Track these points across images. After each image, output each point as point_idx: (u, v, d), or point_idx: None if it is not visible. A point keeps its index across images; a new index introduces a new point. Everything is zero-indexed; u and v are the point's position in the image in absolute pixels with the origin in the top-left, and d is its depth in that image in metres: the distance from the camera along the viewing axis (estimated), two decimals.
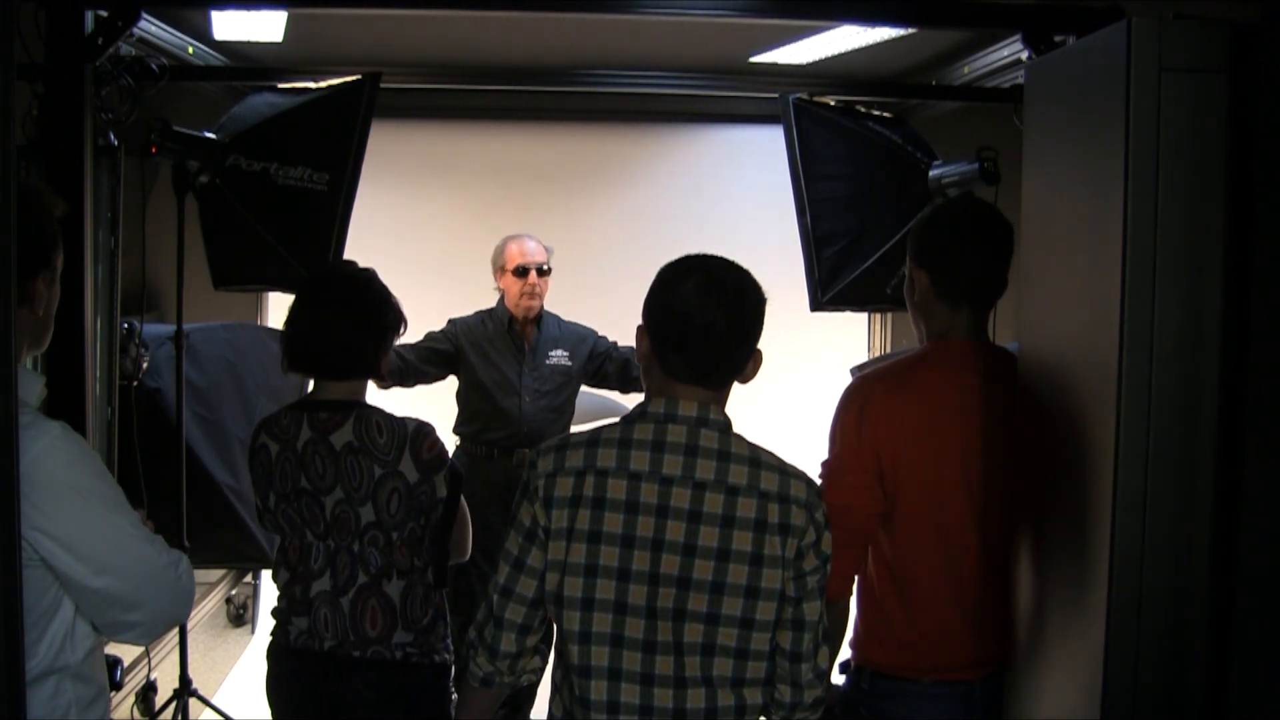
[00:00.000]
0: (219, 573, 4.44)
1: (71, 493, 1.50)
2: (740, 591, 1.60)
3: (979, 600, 2.04)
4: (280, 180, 3.30)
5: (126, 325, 3.16)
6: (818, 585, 1.66)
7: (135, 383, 3.21)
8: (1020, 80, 3.12)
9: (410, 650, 2.23)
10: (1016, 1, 2.89)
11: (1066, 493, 1.84)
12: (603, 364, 3.84)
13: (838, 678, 1.99)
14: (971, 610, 2.04)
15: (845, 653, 2.10)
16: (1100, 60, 1.76)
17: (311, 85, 3.42)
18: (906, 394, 2.04)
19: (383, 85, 3.34)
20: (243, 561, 4.06)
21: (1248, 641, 1.63)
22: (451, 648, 2.34)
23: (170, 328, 3.34)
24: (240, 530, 3.57)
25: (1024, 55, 3.02)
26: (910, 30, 3.27)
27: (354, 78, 3.34)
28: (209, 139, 3.28)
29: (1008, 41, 3.33)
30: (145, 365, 3.26)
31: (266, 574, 4.33)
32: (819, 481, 1.80)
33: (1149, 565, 1.70)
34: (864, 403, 2.04)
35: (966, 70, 3.71)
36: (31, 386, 1.55)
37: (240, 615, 4.64)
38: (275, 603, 2.32)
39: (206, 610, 4.27)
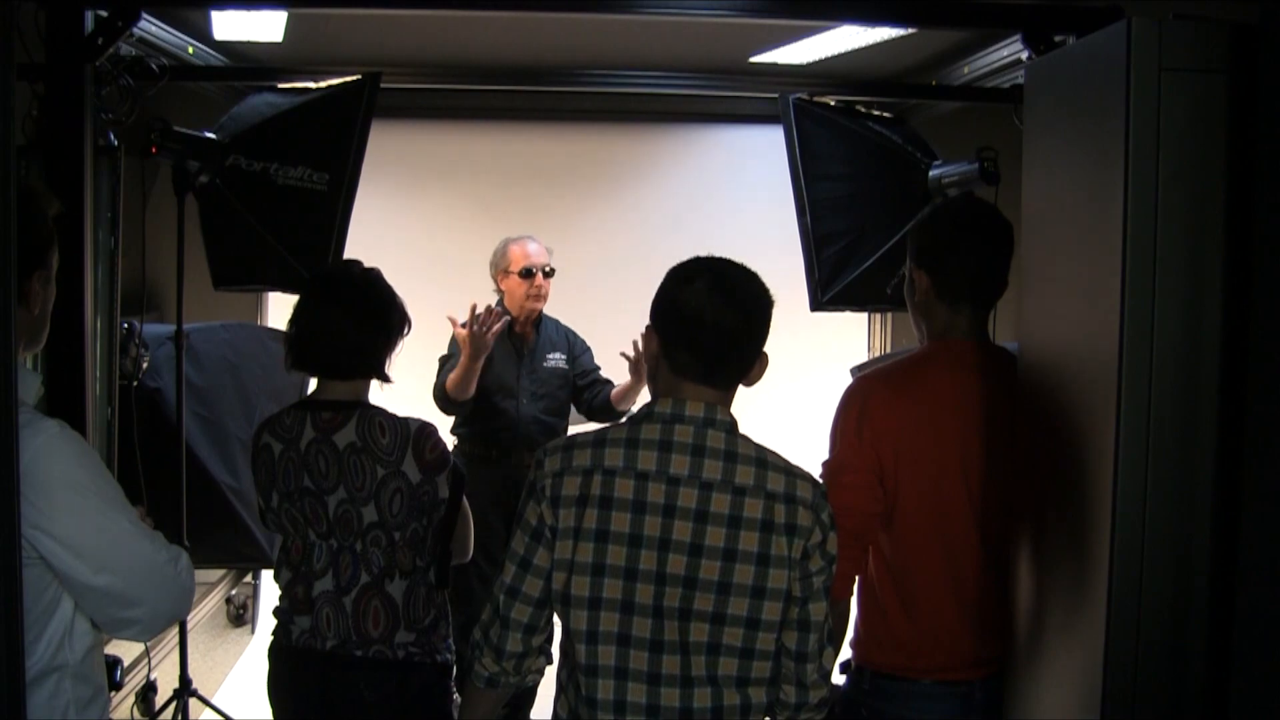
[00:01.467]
0: (219, 573, 4.44)
1: (69, 490, 1.50)
2: (746, 592, 1.60)
3: (979, 600, 2.04)
4: (280, 180, 3.30)
5: (126, 325, 3.16)
6: (823, 586, 1.66)
7: (135, 383, 3.21)
8: (1020, 80, 3.12)
9: (412, 650, 2.23)
10: (1016, 1, 2.89)
11: (1066, 493, 1.84)
12: (576, 380, 3.82)
13: (838, 678, 1.99)
14: (971, 610, 2.04)
15: (845, 653, 2.10)
16: (1100, 60, 1.76)
17: (311, 85, 3.42)
18: (907, 394, 2.05)
19: (383, 85, 3.34)
20: (243, 561, 4.06)
21: (1248, 641, 1.63)
22: (453, 648, 2.34)
23: (170, 328, 3.34)
24: (240, 530, 3.57)
25: (1024, 55, 3.01)
26: (910, 30, 3.27)
27: (354, 78, 3.34)
28: (209, 139, 3.27)
29: (1008, 41, 3.32)
30: (145, 365, 3.25)
31: (267, 574, 4.33)
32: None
33: (1149, 565, 1.70)
34: (864, 403, 2.04)
35: (966, 70, 3.71)
36: (29, 385, 1.55)
37: (240, 615, 4.64)
38: (277, 602, 2.32)
39: (206, 610, 4.27)
